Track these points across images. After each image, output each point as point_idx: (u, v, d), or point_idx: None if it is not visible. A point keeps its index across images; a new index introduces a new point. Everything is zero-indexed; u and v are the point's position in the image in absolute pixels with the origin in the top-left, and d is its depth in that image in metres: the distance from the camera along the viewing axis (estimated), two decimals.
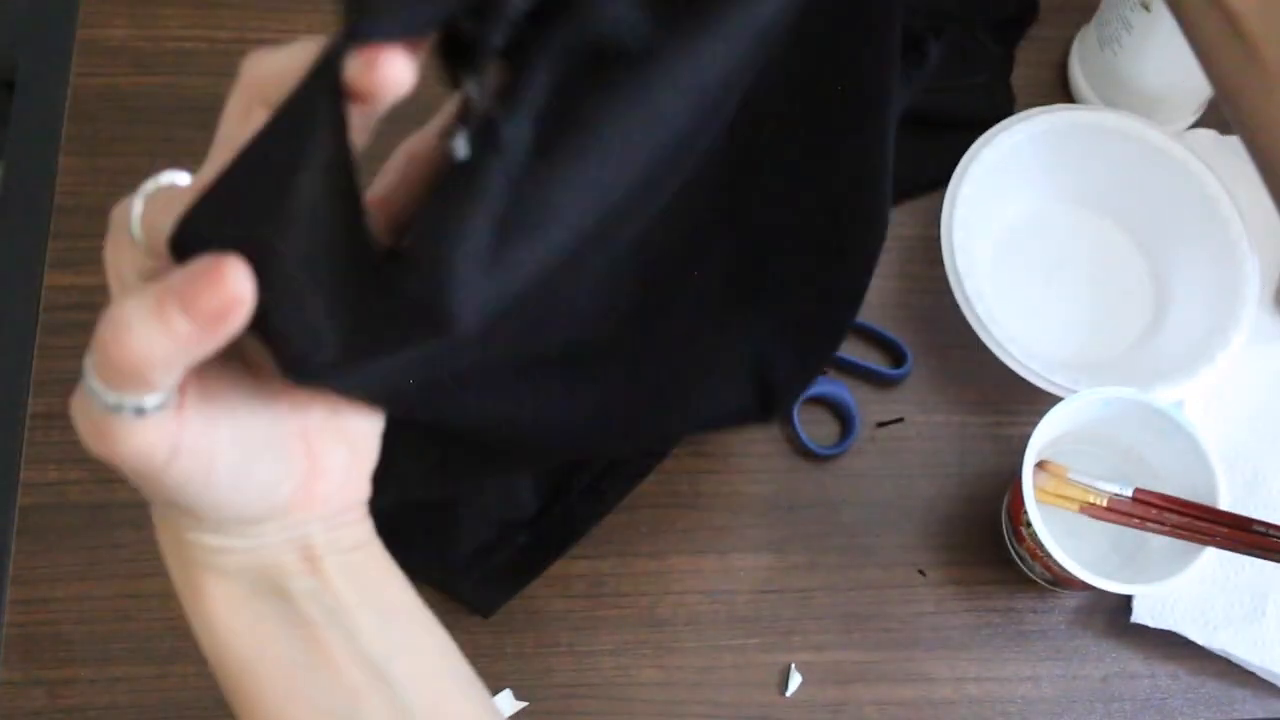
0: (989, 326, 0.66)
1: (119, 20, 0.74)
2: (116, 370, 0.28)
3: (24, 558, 0.63)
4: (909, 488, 0.69)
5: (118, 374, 0.28)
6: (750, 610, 0.65)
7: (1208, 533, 0.61)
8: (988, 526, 0.68)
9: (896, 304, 0.72)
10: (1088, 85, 0.77)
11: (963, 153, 0.70)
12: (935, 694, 0.65)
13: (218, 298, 0.27)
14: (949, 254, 0.67)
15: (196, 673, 0.61)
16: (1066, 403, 0.62)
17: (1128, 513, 0.63)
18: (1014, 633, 0.67)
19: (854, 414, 0.69)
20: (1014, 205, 0.74)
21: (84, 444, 0.30)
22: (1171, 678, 0.66)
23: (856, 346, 0.71)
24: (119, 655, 0.61)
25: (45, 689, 0.61)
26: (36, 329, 0.66)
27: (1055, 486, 0.63)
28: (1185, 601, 0.66)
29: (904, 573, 0.67)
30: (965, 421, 0.70)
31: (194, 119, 0.72)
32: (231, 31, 0.74)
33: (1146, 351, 0.71)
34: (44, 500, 0.64)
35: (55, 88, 0.72)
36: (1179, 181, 0.72)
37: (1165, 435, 0.64)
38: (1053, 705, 0.65)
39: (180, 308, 0.27)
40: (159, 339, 0.27)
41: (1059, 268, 0.74)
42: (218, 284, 0.27)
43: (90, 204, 0.69)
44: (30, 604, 0.62)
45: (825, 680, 0.65)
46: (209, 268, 0.27)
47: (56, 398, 0.65)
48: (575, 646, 0.64)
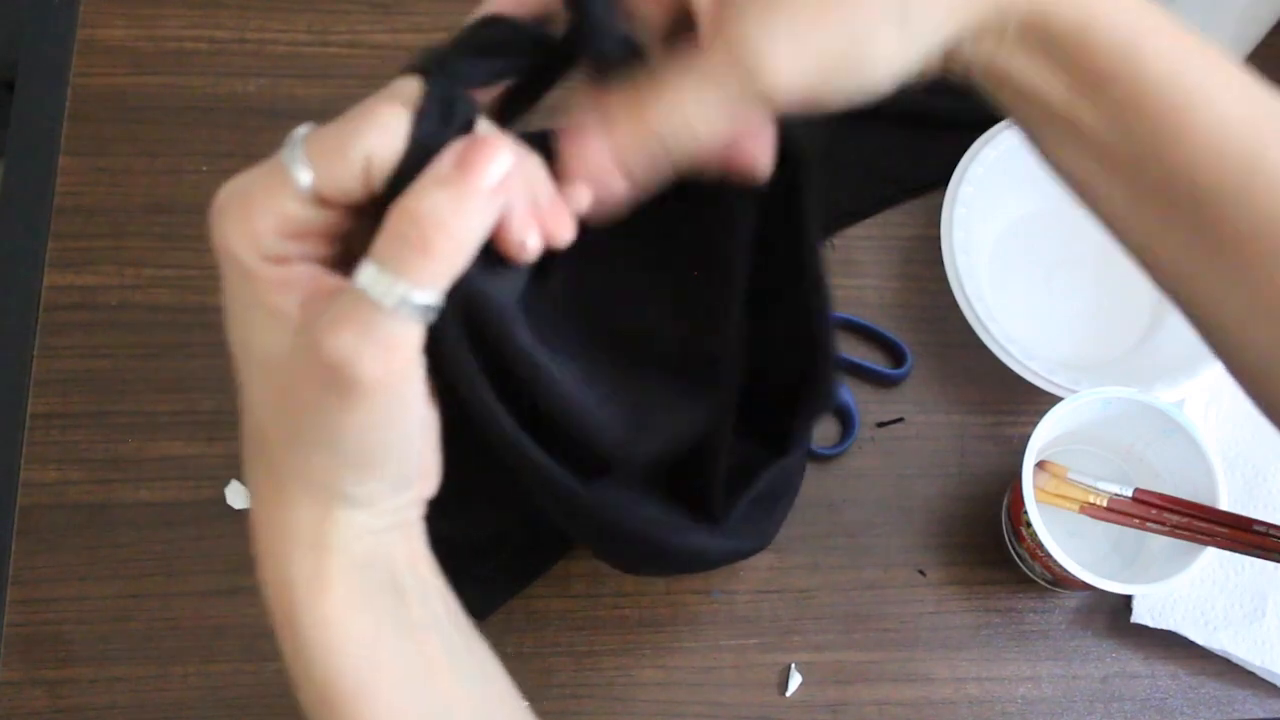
0: (989, 326, 0.66)
1: (119, 20, 0.74)
2: (430, 255, 0.29)
3: (24, 558, 0.63)
4: (909, 488, 0.69)
5: (430, 260, 0.29)
6: (750, 610, 0.66)
7: (1208, 533, 0.61)
8: (988, 526, 0.68)
9: (896, 304, 0.72)
10: None
11: (963, 153, 0.70)
12: (935, 694, 0.65)
13: (498, 159, 0.30)
14: (949, 254, 0.67)
15: (196, 672, 0.61)
16: (1066, 403, 0.62)
17: (1128, 513, 0.63)
18: (1014, 633, 0.67)
19: (854, 414, 0.69)
20: (1014, 205, 0.74)
21: (334, 354, 0.30)
22: (1171, 678, 0.66)
23: (856, 346, 0.71)
24: (119, 655, 0.62)
25: (45, 689, 0.61)
26: (36, 329, 0.66)
27: (1055, 486, 0.63)
28: (1185, 601, 0.66)
29: (904, 573, 0.67)
30: (965, 421, 0.70)
31: (194, 119, 0.72)
32: (231, 31, 0.74)
33: (1146, 351, 0.71)
34: (44, 500, 0.64)
35: (55, 88, 0.72)
36: None
37: (1165, 435, 0.64)
38: (1053, 705, 0.65)
39: (476, 177, 0.30)
40: (471, 214, 0.30)
41: (1059, 268, 0.74)
42: (494, 147, 0.30)
43: (90, 204, 0.69)
44: (30, 604, 0.62)
45: (825, 680, 0.65)
46: (481, 140, 0.30)
47: (56, 398, 0.66)
48: (575, 646, 0.64)
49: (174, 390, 0.66)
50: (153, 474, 0.65)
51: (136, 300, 0.67)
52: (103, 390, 0.66)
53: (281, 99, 0.73)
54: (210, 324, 0.67)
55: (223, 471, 0.65)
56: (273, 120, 0.72)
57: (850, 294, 0.72)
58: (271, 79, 0.73)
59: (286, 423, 0.32)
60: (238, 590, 0.63)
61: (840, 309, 0.71)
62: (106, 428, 0.65)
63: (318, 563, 0.33)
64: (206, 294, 0.68)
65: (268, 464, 0.33)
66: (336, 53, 0.74)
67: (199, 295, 0.68)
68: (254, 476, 0.34)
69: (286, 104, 0.72)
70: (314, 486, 0.33)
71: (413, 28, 0.76)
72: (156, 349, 0.67)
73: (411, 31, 0.75)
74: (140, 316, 0.67)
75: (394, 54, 0.75)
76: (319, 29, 0.75)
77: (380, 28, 0.75)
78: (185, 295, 0.68)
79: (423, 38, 0.75)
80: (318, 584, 0.33)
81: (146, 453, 0.65)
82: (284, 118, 0.72)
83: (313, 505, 0.33)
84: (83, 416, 0.65)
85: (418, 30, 0.75)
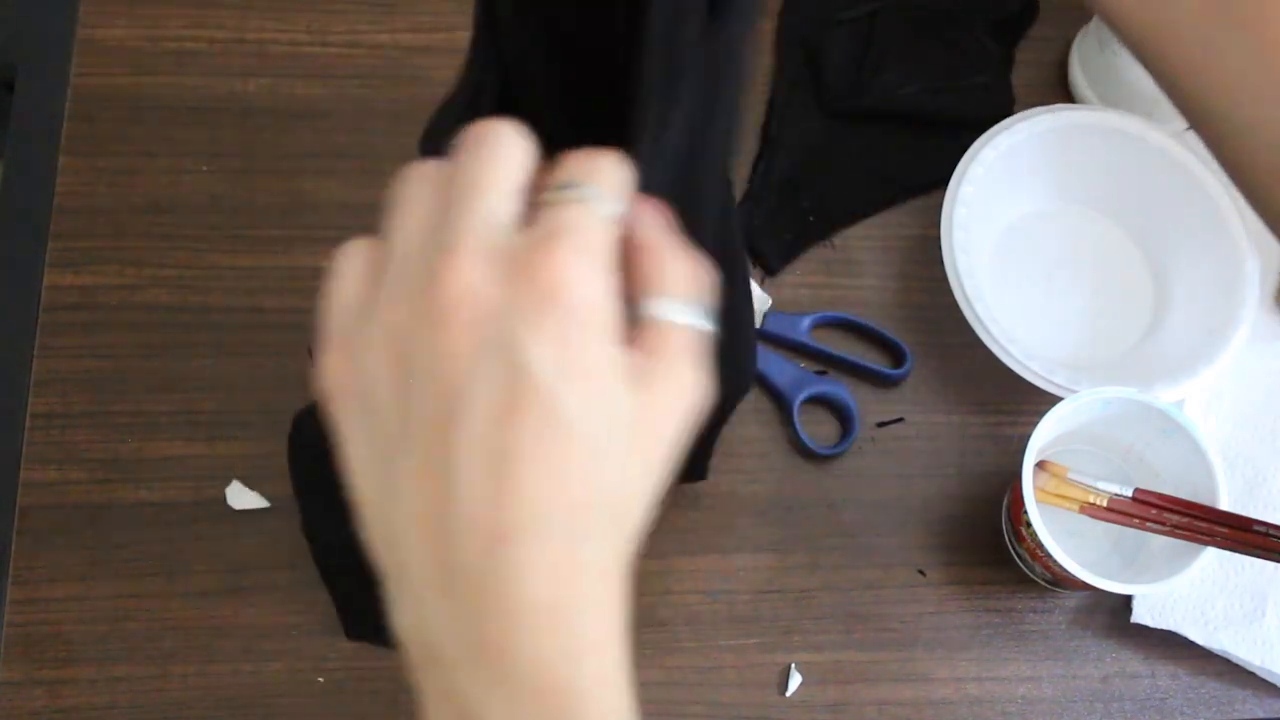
0: (989, 326, 0.66)
1: (119, 20, 0.74)
2: (693, 276, 0.31)
3: (24, 558, 0.63)
4: (909, 488, 0.69)
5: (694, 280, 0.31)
6: (750, 610, 0.65)
7: (1208, 533, 0.61)
8: (988, 526, 0.68)
9: (896, 304, 0.72)
10: (1088, 85, 0.77)
11: (963, 153, 0.70)
12: (935, 694, 0.65)
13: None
14: (949, 254, 0.67)
15: (196, 672, 0.61)
16: (1066, 403, 0.62)
17: (1128, 513, 0.63)
18: (1014, 633, 0.67)
19: (854, 414, 0.69)
20: (1014, 205, 0.74)
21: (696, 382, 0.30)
22: (1171, 678, 0.66)
23: (856, 346, 0.71)
24: (119, 655, 0.61)
25: (45, 689, 0.61)
26: (36, 329, 0.66)
27: (1055, 486, 0.63)
28: (1185, 601, 0.66)
29: (904, 573, 0.67)
30: (965, 421, 0.70)
31: (194, 119, 0.72)
32: (231, 31, 0.74)
33: (1146, 351, 0.71)
34: (44, 500, 0.64)
35: (55, 88, 0.72)
36: (1179, 181, 0.72)
37: (1165, 435, 0.64)
38: (1053, 705, 0.65)
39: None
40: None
41: (1059, 268, 0.74)
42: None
43: (90, 204, 0.69)
44: (30, 604, 0.62)
45: (825, 680, 0.65)
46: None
47: (56, 398, 0.66)
48: None
49: (174, 390, 0.66)
50: (153, 474, 0.65)
51: (136, 300, 0.67)
52: (103, 390, 0.66)
53: (281, 99, 0.73)
54: (210, 324, 0.68)
55: (223, 471, 0.65)
56: (273, 120, 0.72)
57: (850, 294, 0.72)
58: (271, 79, 0.73)
59: (648, 474, 0.30)
60: (238, 590, 0.63)
61: (840, 309, 0.71)
62: (106, 428, 0.65)
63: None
64: (207, 294, 0.68)
65: (616, 536, 0.30)
66: (337, 53, 0.74)
67: (199, 295, 0.68)
68: (601, 556, 0.30)
69: (286, 104, 0.72)
70: (638, 534, 0.31)
71: (413, 28, 0.76)
72: (156, 349, 0.67)
73: (411, 31, 0.75)
74: (140, 316, 0.67)
75: (394, 54, 0.75)
76: (319, 29, 0.75)
77: (380, 28, 0.75)
78: (185, 295, 0.68)
79: (423, 38, 0.75)
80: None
81: (146, 453, 0.65)
82: (284, 117, 0.72)
83: (628, 561, 0.31)
84: (83, 416, 0.65)
85: (418, 30, 0.75)
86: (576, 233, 0.29)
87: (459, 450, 0.28)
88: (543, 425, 0.28)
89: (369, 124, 0.72)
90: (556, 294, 0.28)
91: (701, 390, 0.31)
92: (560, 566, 0.28)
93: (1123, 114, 0.72)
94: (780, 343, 0.71)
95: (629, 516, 0.30)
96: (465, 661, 0.29)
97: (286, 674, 0.62)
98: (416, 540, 0.29)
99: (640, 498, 0.30)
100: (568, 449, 0.28)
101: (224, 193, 0.70)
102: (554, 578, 0.28)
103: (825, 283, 0.73)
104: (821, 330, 0.72)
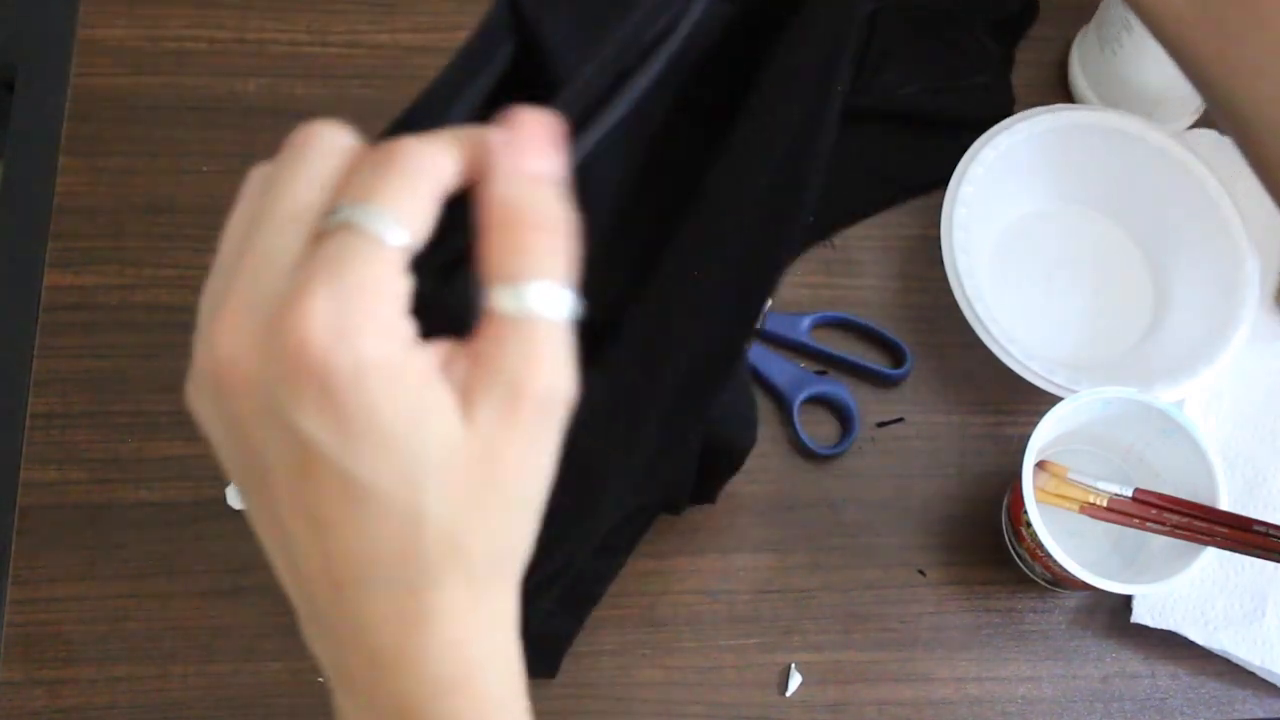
0: (989, 326, 0.66)
1: (119, 20, 0.74)
2: (561, 250, 0.28)
3: (24, 558, 0.63)
4: (909, 488, 0.69)
5: (563, 256, 0.28)
6: (750, 610, 0.65)
7: (1208, 533, 0.61)
8: (988, 526, 0.68)
9: (896, 304, 0.72)
10: (1088, 85, 0.77)
11: (963, 153, 0.70)
12: (935, 694, 0.65)
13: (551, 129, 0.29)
14: (949, 254, 0.67)
15: (196, 673, 0.61)
16: (1066, 403, 0.62)
17: (1128, 513, 0.63)
18: (1014, 633, 0.67)
19: (854, 414, 0.69)
20: (1014, 205, 0.74)
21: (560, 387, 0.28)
22: (1171, 678, 0.66)
23: (856, 346, 0.71)
24: (119, 655, 0.61)
25: (45, 689, 0.61)
26: (36, 329, 0.66)
27: (1055, 486, 0.63)
28: (1185, 601, 0.66)
29: (904, 573, 0.67)
30: (965, 421, 0.70)
31: (194, 119, 0.72)
32: (231, 31, 0.74)
33: (1146, 351, 0.71)
34: (44, 500, 0.64)
35: (55, 88, 0.72)
36: (1179, 181, 0.72)
37: (1165, 435, 0.64)
38: (1053, 705, 0.65)
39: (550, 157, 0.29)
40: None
41: (1059, 268, 0.74)
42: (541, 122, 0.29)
43: (90, 204, 0.69)
44: (30, 604, 0.62)
45: (825, 680, 0.65)
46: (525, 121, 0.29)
47: (56, 398, 0.65)
48: (575, 647, 0.64)
49: (174, 390, 0.66)
50: (153, 474, 0.65)
51: (136, 300, 0.67)
52: (103, 390, 0.66)
53: (281, 99, 0.73)
54: None
55: (222, 471, 0.65)
56: (273, 120, 0.72)
57: (850, 294, 0.72)
58: (271, 79, 0.73)
59: (489, 505, 0.27)
60: (238, 590, 0.63)
61: (840, 309, 0.71)
62: (106, 428, 0.65)
63: (511, 646, 0.29)
64: None
65: (467, 575, 0.27)
66: (337, 53, 0.74)
67: (199, 295, 0.68)
68: (448, 599, 0.28)
69: (287, 104, 0.72)
70: (517, 563, 0.29)
71: (413, 28, 0.76)
72: (156, 349, 0.67)
73: (411, 31, 0.75)
74: (140, 316, 0.67)
75: (394, 54, 0.75)
76: (319, 29, 0.75)
77: (380, 28, 0.75)
78: (185, 295, 0.68)
79: (422, 38, 0.75)
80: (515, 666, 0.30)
81: (146, 453, 0.65)
82: (284, 117, 0.72)
83: (511, 589, 0.29)
84: (83, 416, 0.65)
85: (417, 30, 0.75)
86: (335, 275, 0.25)
87: (282, 508, 0.27)
88: (339, 493, 0.26)
89: (369, 124, 0.72)
90: (303, 359, 0.25)
91: (559, 391, 0.27)
92: (406, 613, 0.27)
93: (1123, 114, 0.72)
94: (780, 343, 0.71)
95: (489, 553, 0.28)
96: (339, 690, 0.30)
97: (286, 674, 0.62)
98: (286, 578, 0.29)
99: (501, 530, 0.28)
100: (372, 510, 0.26)
101: (224, 193, 0.70)
102: (400, 623, 0.27)
103: (825, 283, 0.73)
104: (821, 330, 0.72)
